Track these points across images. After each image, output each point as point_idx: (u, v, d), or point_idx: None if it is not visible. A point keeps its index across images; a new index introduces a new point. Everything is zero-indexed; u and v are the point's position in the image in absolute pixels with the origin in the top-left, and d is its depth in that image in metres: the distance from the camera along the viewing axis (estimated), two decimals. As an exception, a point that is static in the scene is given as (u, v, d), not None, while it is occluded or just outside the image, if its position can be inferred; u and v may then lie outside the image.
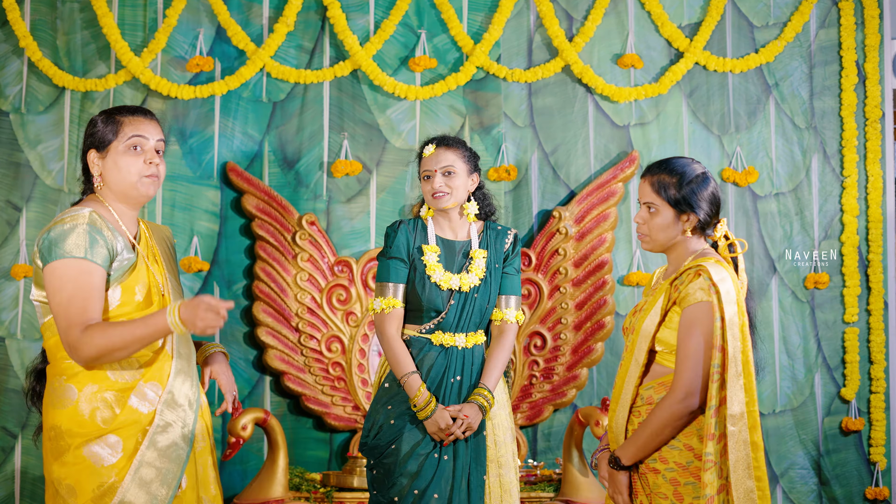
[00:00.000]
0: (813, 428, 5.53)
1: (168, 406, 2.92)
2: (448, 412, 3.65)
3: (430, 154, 3.78)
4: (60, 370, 2.91)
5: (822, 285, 5.54)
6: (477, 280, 3.75)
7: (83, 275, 2.83)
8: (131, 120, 3.00)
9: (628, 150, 5.53)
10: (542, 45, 5.54)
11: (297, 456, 5.30)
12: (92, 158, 3.01)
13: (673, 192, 3.09)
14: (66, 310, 2.81)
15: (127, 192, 2.99)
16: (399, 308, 3.76)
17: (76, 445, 2.84)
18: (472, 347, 3.76)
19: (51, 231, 2.87)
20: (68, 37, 5.45)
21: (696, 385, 2.97)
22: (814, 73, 5.62)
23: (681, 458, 3.00)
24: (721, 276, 2.99)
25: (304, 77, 5.43)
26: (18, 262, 5.36)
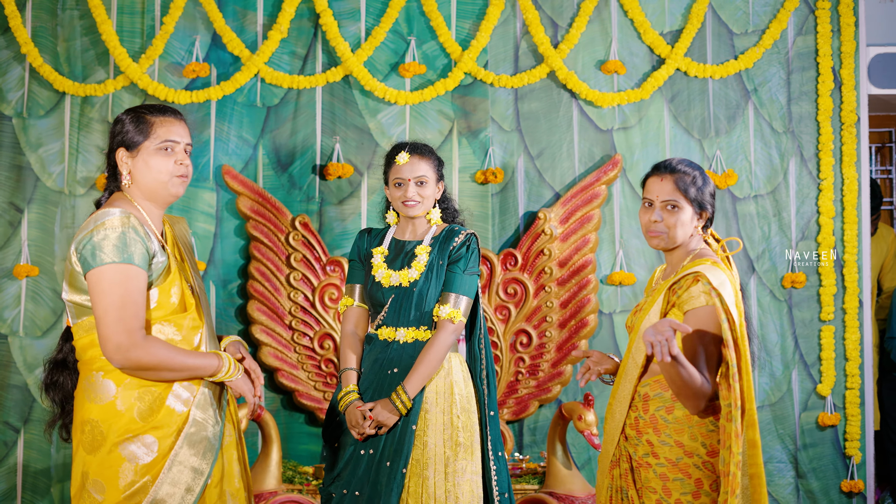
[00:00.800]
0: (790, 423, 5.60)
1: (200, 406, 2.95)
2: (359, 409, 3.70)
3: (405, 162, 3.81)
4: (98, 366, 2.91)
5: (799, 285, 5.60)
6: (416, 274, 3.78)
7: (130, 279, 2.84)
8: (162, 121, 3.01)
9: (611, 153, 5.59)
10: (528, 51, 5.60)
11: (291, 450, 5.38)
12: (121, 157, 3.01)
13: (694, 191, 3.13)
14: (120, 313, 2.80)
15: (157, 192, 3.01)
16: (355, 306, 3.91)
17: (113, 443, 2.86)
18: (412, 342, 3.77)
19: (93, 235, 2.86)
20: (68, 43, 5.52)
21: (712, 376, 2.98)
22: (791, 79, 5.67)
23: (671, 454, 3.06)
24: (720, 280, 2.99)
25: (297, 82, 5.49)
26: (20, 262, 5.45)
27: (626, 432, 3.16)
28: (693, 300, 3.00)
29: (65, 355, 3.08)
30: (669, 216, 3.13)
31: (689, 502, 3.02)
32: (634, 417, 3.13)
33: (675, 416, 3.06)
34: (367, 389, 3.80)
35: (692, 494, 3.02)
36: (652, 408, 3.10)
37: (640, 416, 3.13)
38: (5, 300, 5.45)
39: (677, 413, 3.06)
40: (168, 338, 2.96)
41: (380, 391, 3.76)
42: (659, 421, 3.09)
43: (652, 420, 3.10)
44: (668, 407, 3.07)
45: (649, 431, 3.10)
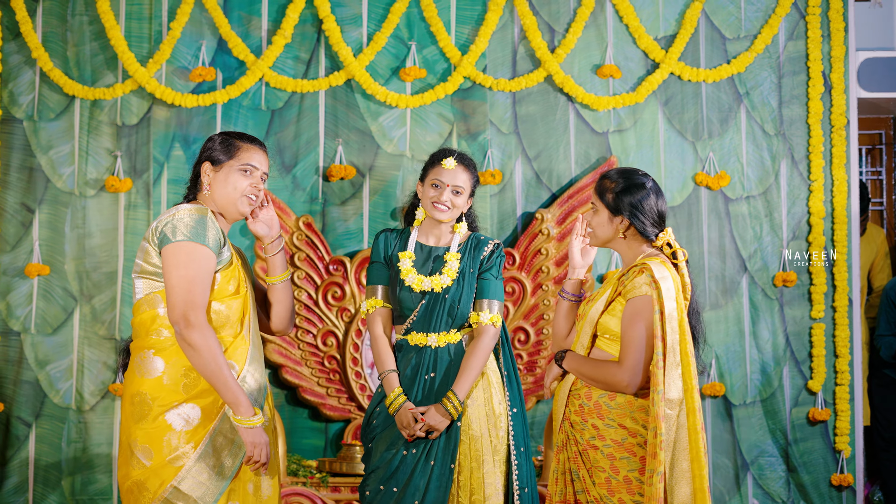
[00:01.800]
0: (781, 418, 5.66)
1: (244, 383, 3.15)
2: (411, 412, 3.76)
3: (450, 168, 3.84)
4: (149, 344, 3.13)
5: (790, 283, 5.67)
6: (448, 281, 3.83)
7: (202, 258, 3.09)
8: (248, 148, 3.29)
9: (607, 155, 5.66)
10: (525, 56, 5.67)
11: (295, 444, 5.45)
12: (206, 169, 3.27)
13: (609, 196, 3.37)
14: (190, 286, 3.05)
15: (227, 206, 3.26)
16: (383, 307, 3.91)
17: (158, 412, 3.06)
18: (444, 346, 3.83)
19: (174, 217, 3.12)
20: (78, 48, 5.59)
21: (639, 367, 3.24)
22: (782, 83, 5.74)
23: (616, 435, 3.26)
24: (662, 274, 3.24)
25: (300, 86, 5.55)
26: (32, 261, 5.54)
27: (571, 419, 3.35)
28: (635, 290, 3.24)
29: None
30: (591, 216, 3.43)
31: (636, 478, 3.23)
32: (579, 405, 3.33)
33: (618, 402, 3.27)
34: (408, 393, 3.84)
35: (638, 471, 3.22)
36: (595, 395, 3.31)
37: (584, 403, 3.32)
38: (17, 298, 5.55)
39: (619, 399, 3.27)
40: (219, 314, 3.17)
41: (420, 395, 3.83)
42: (602, 407, 3.29)
43: (596, 406, 3.30)
44: (610, 395, 3.28)
45: (594, 416, 3.30)
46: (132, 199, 5.56)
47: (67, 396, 5.52)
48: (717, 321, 5.68)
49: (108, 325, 5.52)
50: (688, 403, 3.17)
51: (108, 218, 5.56)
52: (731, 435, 5.66)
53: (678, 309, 3.23)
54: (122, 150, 5.57)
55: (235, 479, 3.14)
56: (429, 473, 3.76)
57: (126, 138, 5.57)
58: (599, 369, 3.30)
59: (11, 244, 5.57)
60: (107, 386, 5.49)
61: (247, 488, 3.15)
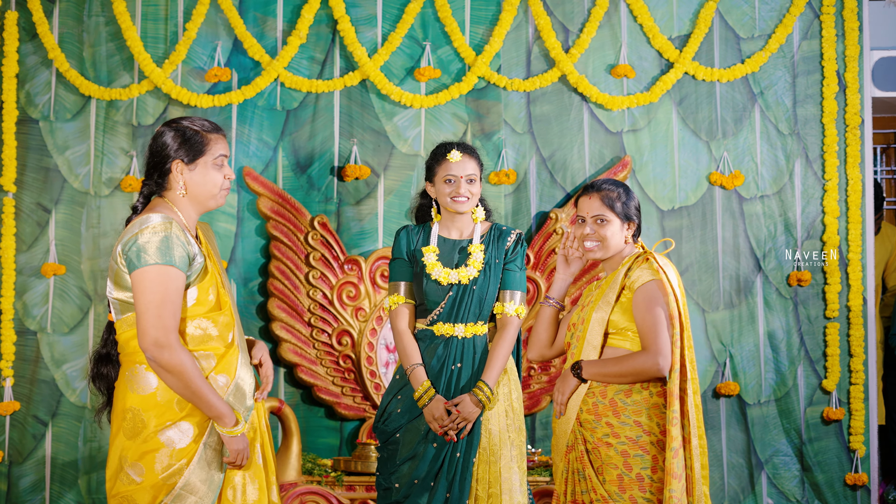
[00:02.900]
0: (796, 417, 5.64)
1: (235, 395, 3.13)
2: (443, 403, 3.79)
3: (458, 161, 3.89)
4: (140, 359, 3.07)
5: (804, 283, 5.65)
6: (475, 272, 3.87)
7: (170, 280, 3.01)
8: (216, 138, 3.18)
9: (621, 154, 5.65)
10: (539, 56, 5.66)
11: (310, 443, 5.46)
12: (178, 168, 3.14)
13: (619, 205, 3.49)
14: (159, 310, 2.97)
15: (206, 202, 3.18)
16: (406, 303, 3.94)
17: (153, 430, 3.03)
18: (471, 337, 3.87)
19: (138, 238, 3.02)
20: (94, 49, 5.59)
21: (668, 348, 3.32)
22: (797, 83, 5.72)
23: (631, 432, 3.32)
24: (663, 262, 3.41)
25: (315, 87, 5.55)
26: (48, 260, 5.55)
27: (581, 418, 3.39)
28: (641, 278, 3.35)
29: (108, 349, 3.25)
30: (600, 229, 3.46)
31: (648, 476, 3.29)
32: (592, 403, 3.38)
33: (634, 399, 3.34)
34: (434, 384, 3.87)
35: (651, 469, 3.28)
36: (610, 393, 3.36)
37: (599, 401, 3.37)
38: (34, 298, 5.56)
39: (635, 396, 3.34)
40: (205, 332, 3.13)
41: (447, 385, 3.85)
42: (618, 404, 3.34)
43: (612, 403, 3.35)
44: (626, 391, 3.34)
45: (609, 414, 3.35)
46: None
47: (84, 395, 5.53)
48: (731, 321, 5.66)
49: None
50: (693, 384, 3.32)
51: (123, 218, 5.54)
52: (746, 434, 5.64)
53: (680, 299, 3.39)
54: (138, 150, 5.57)
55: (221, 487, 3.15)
56: (455, 465, 3.79)
57: (142, 138, 5.57)
58: (625, 363, 3.35)
59: (28, 244, 5.58)
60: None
61: (226, 495, 3.15)
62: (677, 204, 5.69)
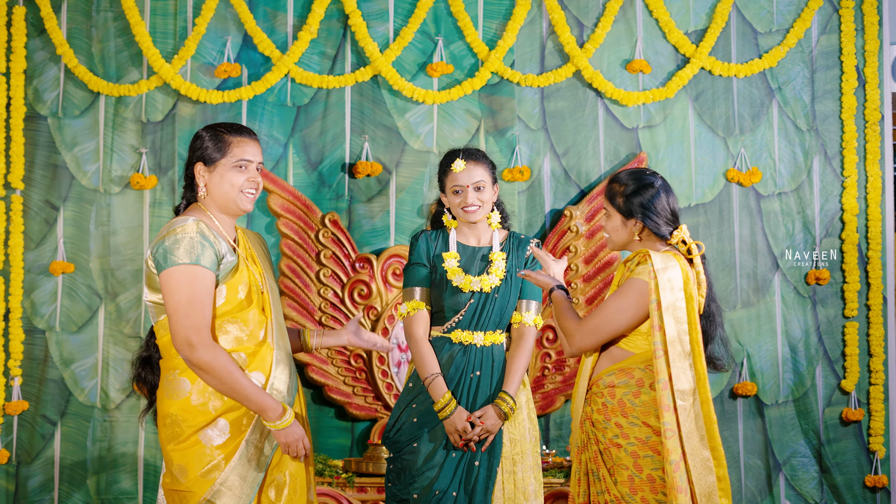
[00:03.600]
0: (814, 418, 5.61)
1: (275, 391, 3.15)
2: (465, 415, 3.72)
3: (462, 170, 3.80)
4: (174, 364, 3.14)
5: (823, 281, 5.62)
6: (497, 280, 3.82)
7: (198, 279, 3.06)
8: (239, 141, 3.23)
9: (636, 151, 5.63)
10: (554, 51, 5.64)
11: (321, 444, 5.43)
12: (199, 171, 3.23)
13: (620, 200, 3.37)
14: (187, 310, 3.03)
15: (227, 204, 3.22)
16: (424, 310, 3.86)
17: (191, 432, 3.09)
18: (490, 346, 3.82)
19: (165, 240, 3.09)
20: (103, 44, 5.58)
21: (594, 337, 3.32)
22: (815, 78, 5.70)
23: (640, 433, 3.26)
24: (664, 265, 3.25)
25: (326, 82, 5.54)
26: (56, 258, 5.53)
27: (592, 418, 3.35)
28: (632, 274, 3.29)
29: (150, 353, 3.31)
30: (604, 221, 3.45)
31: (659, 477, 3.24)
32: (601, 403, 3.32)
33: (642, 400, 3.27)
34: (453, 392, 3.81)
35: (661, 469, 3.22)
36: (619, 394, 3.30)
37: (608, 402, 3.31)
38: (42, 296, 5.54)
39: (643, 397, 3.27)
40: (234, 336, 3.15)
41: (466, 395, 3.80)
42: (627, 405, 3.28)
43: (620, 404, 3.29)
44: (634, 392, 3.28)
45: (617, 415, 3.29)
46: (157, 197, 5.55)
47: (92, 395, 5.51)
48: (748, 320, 5.63)
49: (133, 323, 5.50)
50: (701, 393, 3.21)
51: (132, 215, 5.54)
52: (763, 435, 5.62)
53: (686, 299, 3.25)
54: (147, 146, 5.56)
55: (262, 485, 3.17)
56: (475, 475, 3.75)
57: (151, 135, 5.56)
58: (564, 318, 3.39)
59: (36, 242, 5.56)
60: (132, 385, 5.43)
61: (268, 493, 3.17)
62: (694, 201, 5.66)
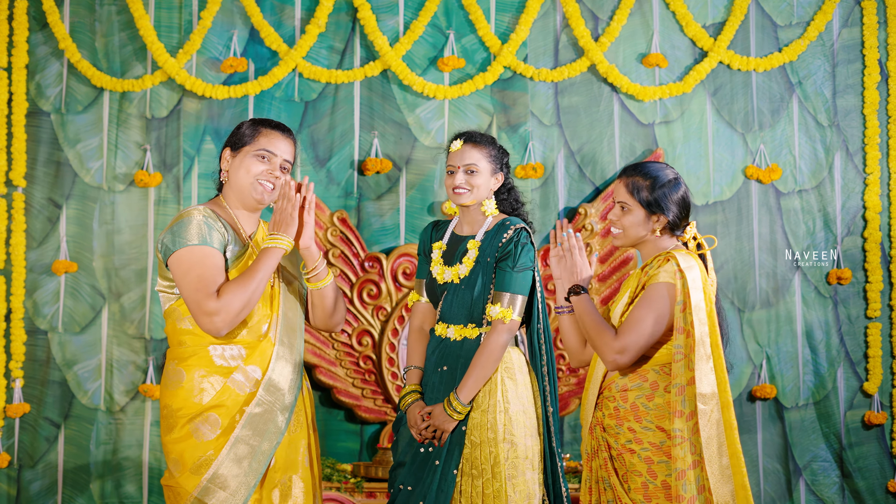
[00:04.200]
0: (835, 421, 5.57)
1: (267, 389, 3.10)
2: (417, 409, 3.64)
3: (456, 150, 3.73)
4: (174, 355, 3.13)
5: (844, 281, 5.57)
6: (465, 270, 3.69)
7: (206, 257, 3.05)
8: (268, 133, 3.21)
9: (653, 147, 5.59)
10: (568, 44, 5.61)
11: (329, 447, 5.39)
12: (225, 155, 3.23)
13: (645, 194, 3.26)
14: (199, 285, 3.02)
15: (242, 193, 3.19)
16: (421, 302, 3.81)
17: (182, 424, 3.06)
18: (460, 340, 3.67)
19: (173, 227, 3.09)
20: (106, 39, 5.57)
21: (633, 347, 3.15)
22: (836, 72, 5.66)
23: (654, 438, 3.16)
24: (689, 263, 3.17)
25: (335, 77, 5.52)
26: (59, 258, 5.48)
27: (604, 423, 3.26)
28: (655, 276, 3.18)
29: None
30: (622, 216, 3.29)
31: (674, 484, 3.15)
32: (613, 408, 3.24)
33: (656, 403, 3.18)
34: (425, 385, 3.74)
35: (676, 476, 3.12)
36: (632, 397, 3.21)
37: (620, 406, 3.23)
38: (44, 296, 5.49)
39: (657, 400, 3.18)
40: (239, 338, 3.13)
41: (433, 389, 3.70)
42: (640, 409, 3.20)
43: (633, 408, 3.21)
44: (647, 395, 3.19)
45: (630, 419, 3.20)
46: (162, 194, 5.51)
47: (96, 397, 5.46)
48: (768, 320, 5.58)
49: (137, 323, 5.45)
50: (721, 398, 3.11)
51: (137, 213, 5.51)
52: (783, 439, 5.56)
53: (706, 300, 3.17)
54: (152, 143, 5.53)
55: (260, 488, 3.12)
56: (434, 474, 3.62)
57: (156, 131, 5.54)
58: (598, 328, 3.22)
59: (38, 240, 5.51)
60: (136, 386, 5.42)
61: (272, 496, 3.12)
62: (712, 199, 5.62)
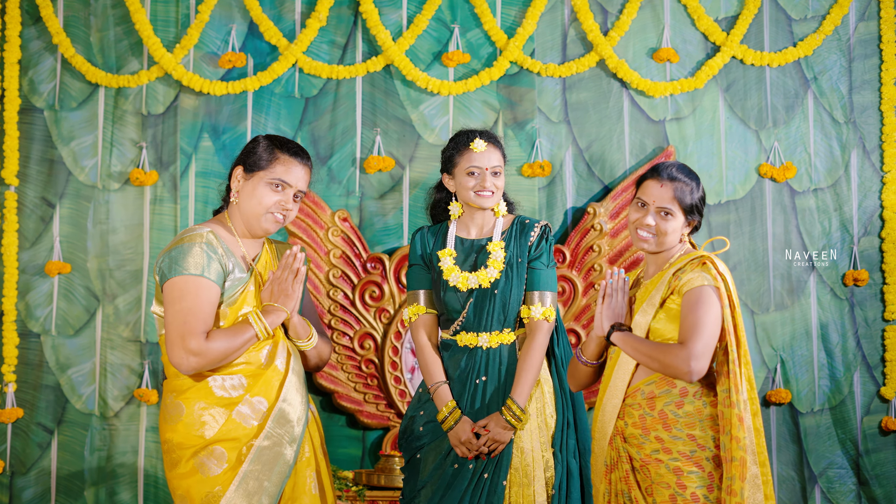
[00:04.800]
0: (852, 427, 5.49)
1: (277, 421, 3.04)
2: (469, 425, 3.53)
3: (482, 150, 3.63)
4: (172, 387, 3.08)
5: (861, 282, 5.49)
6: (496, 273, 3.59)
7: (201, 290, 2.99)
8: (286, 160, 3.15)
9: (664, 145, 5.51)
10: (576, 39, 5.54)
11: (330, 454, 5.25)
12: (237, 174, 3.17)
13: (689, 200, 3.21)
14: (186, 318, 2.96)
15: (250, 221, 3.14)
16: (426, 314, 3.71)
17: (187, 458, 3.01)
18: (497, 347, 3.60)
19: (172, 250, 3.03)
20: (101, 33, 5.51)
21: (705, 350, 3.05)
22: (853, 67, 5.58)
23: (684, 447, 3.08)
24: (723, 267, 3.14)
25: (336, 72, 5.45)
26: (52, 258, 5.43)
27: (625, 433, 3.18)
28: (693, 281, 3.10)
29: None
30: (663, 222, 3.20)
31: (704, 496, 3.07)
32: (639, 416, 3.15)
33: (686, 411, 3.11)
34: (459, 401, 3.62)
35: (707, 488, 3.07)
36: (660, 404, 3.13)
37: (646, 414, 3.14)
38: (37, 298, 5.43)
39: (687, 407, 3.11)
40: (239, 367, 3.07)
41: (471, 402, 3.60)
42: (669, 416, 3.12)
43: (661, 416, 3.12)
44: (677, 402, 3.12)
45: (658, 428, 3.12)
46: (158, 193, 5.46)
47: (90, 402, 5.40)
48: (782, 323, 5.50)
49: (132, 326, 5.39)
50: (751, 405, 3.10)
51: (132, 213, 5.45)
52: (798, 445, 5.48)
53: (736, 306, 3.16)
54: (148, 140, 5.48)
55: None
56: (482, 488, 3.55)
57: (152, 128, 5.49)
58: (658, 349, 3.09)
59: (31, 241, 5.46)
60: (132, 391, 5.39)
61: None
62: (724, 198, 5.54)
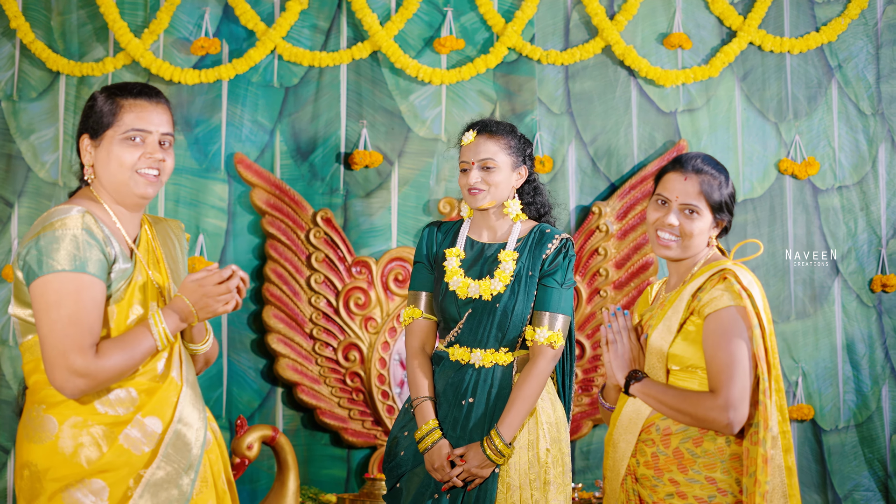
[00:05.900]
0: (880, 445, 5.44)
1: (174, 446, 2.57)
2: (446, 451, 3.28)
3: (469, 143, 3.42)
4: (39, 398, 2.57)
5: (890, 288, 5.44)
6: (500, 286, 3.34)
7: (83, 290, 2.50)
8: (133, 105, 2.64)
9: (675, 138, 5.46)
10: (580, 23, 5.50)
11: (312, 475, 5.26)
12: (84, 145, 2.67)
13: (717, 195, 2.92)
14: (67, 330, 2.46)
15: (119, 191, 2.63)
16: (424, 320, 3.47)
17: (53, 491, 2.50)
18: (490, 367, 3.35)
19: (40, 238, 2.52)
20: (63, 17, 5.41)
21: (743, 394, 2.78)
22: (881, 54, 5.54)
23: (702, 492, 2.84)
24: (749, 279, 2.85)
25: (319, 60, 5.38)
26: (10, 262, 5.21)
27: (637, 473, 2.94)
28: (715, 301, 2.82)
29: None
30: (688, 222, 2.93)
31: None
32: (651, 454, 2.91)
33: (705, 449, 2.85)
34: (443, 421, 3.37)
35: None
36: (675, 442, 2.88)
37: (660, 452, 2.89)
38: (-7, 305, 5.33)
39: (707, 445, 2.85)
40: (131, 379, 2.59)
41: (455, 425, 3.35)
42: (685, 456, 2.86)
43: (676, 455, 2.87)
44: (695, 439, 2.87)
45: (673, 469, 2.87)
46: None
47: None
48: (804, 332, 5.47)
49: None
50: (783, 440, 2.83)
51: None
52: (821, 465, 5.43)
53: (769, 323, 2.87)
54: None
55: None
56: None
57: None
58: (688, 399, 2.83)
59: None
60: None
61: None
62: (741, 196, 5.48)
